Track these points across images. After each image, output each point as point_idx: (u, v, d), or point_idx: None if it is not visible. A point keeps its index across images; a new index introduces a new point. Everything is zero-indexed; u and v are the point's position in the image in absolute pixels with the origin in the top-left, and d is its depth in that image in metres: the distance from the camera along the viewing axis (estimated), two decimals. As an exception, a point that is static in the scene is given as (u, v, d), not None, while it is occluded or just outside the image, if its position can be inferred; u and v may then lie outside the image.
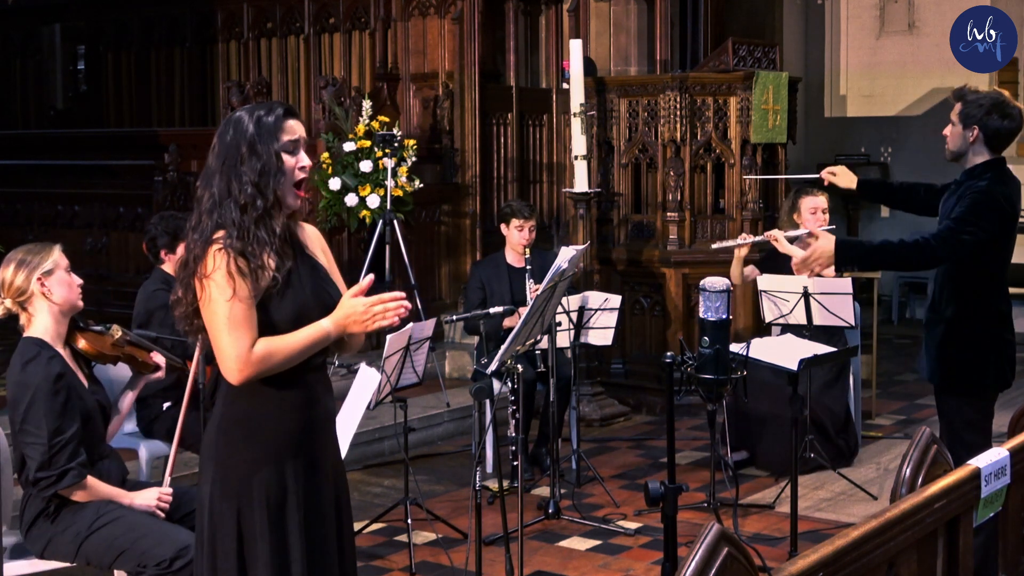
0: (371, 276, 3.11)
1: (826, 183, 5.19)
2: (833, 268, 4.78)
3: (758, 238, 6.86)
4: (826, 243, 4.35)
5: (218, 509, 3.06)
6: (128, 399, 4.36)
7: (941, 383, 4.63)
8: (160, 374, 4.38)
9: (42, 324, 4.00)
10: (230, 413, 3.08)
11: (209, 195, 3.02)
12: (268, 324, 3.00)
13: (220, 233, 2.98)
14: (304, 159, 3.07)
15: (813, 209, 6.77)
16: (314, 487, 3.11)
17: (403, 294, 3.07)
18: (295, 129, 3.06)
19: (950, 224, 4.45)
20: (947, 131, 4.62)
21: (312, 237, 3.23)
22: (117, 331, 4.21)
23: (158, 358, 4.37)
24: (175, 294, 3.06)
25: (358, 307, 3.01)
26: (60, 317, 4.02)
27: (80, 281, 4.10)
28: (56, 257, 4.03)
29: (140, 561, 3.86)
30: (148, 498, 4.03)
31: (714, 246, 7.05)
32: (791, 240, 6.86)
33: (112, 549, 3.89)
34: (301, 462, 3.08)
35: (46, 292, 3.98)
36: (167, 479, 4.37)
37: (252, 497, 3.03)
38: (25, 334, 4.02)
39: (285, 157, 3.03)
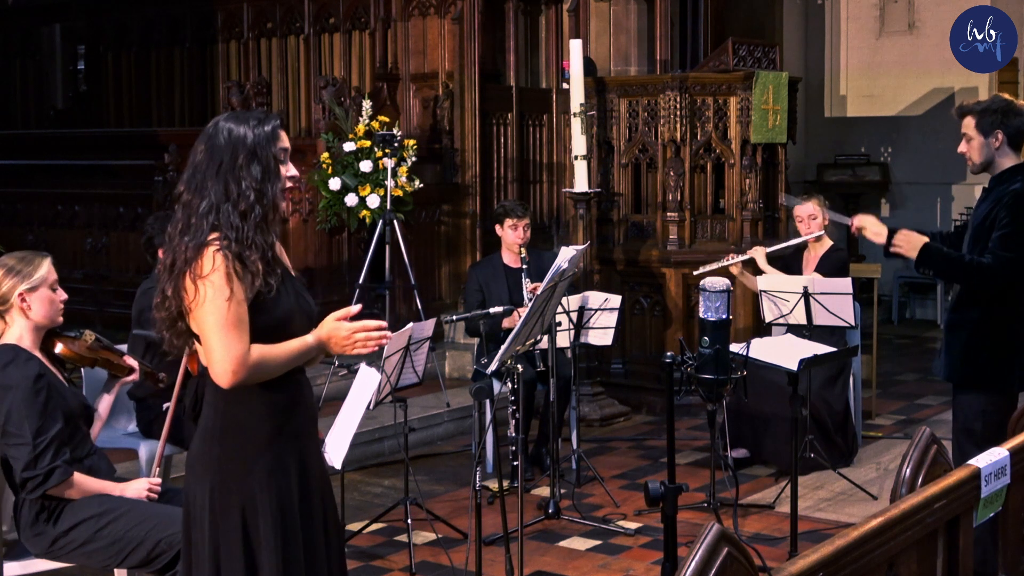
0: (359, 306, 3.14)
1: (855, 232, 5.12)
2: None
3: (742, 257, 6.83)
4: (918, 240, 4.63)
5: (221, 519, 3.03)
6: (106, 402, 4.35)
7: (963, 381, 4.64)
8: (134, 376, 4.39)
9: (16, 334, 4.01)
10: (223, 423, 3.06)
11: (203, 199, 2.98)
12: (254, 330, 2.99)
13: (214, 235, 2.96)
14: (292, 169, 3.12)
15: (800, 218, 6.83)
16: (307, 489, 3.11)
17: (385, 323, 3.11)
18: (285, 139, 3.11)
19: (1000, 252, 4.49)
20: (964, 148, 4.65)
21: (279, 247, 3.23)
22: (90, 336, 4.24)
23: (130, 360, 4.39)
24: (158, 296, 3.03)
25: (341, 331, 3.04)
26: (36, 329, 4.03)
27: (64, 296, 4.10)
28: (43, 273, 4.02)
29: (156, 549, 3.86)
30: (138, 489, 4.03)
31: (697, 272, 6.88)
32: (775, 256, 6.86)
33: (124, 541, 3.89)
34: (294, 466, 3.08)
35: (25, 308, 3.99)
36: (156, 470, 4.39)
37: (256, 505, 3.02)
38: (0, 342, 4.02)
39: (280, 166, 3.07)
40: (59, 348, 4.10)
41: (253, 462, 3.03)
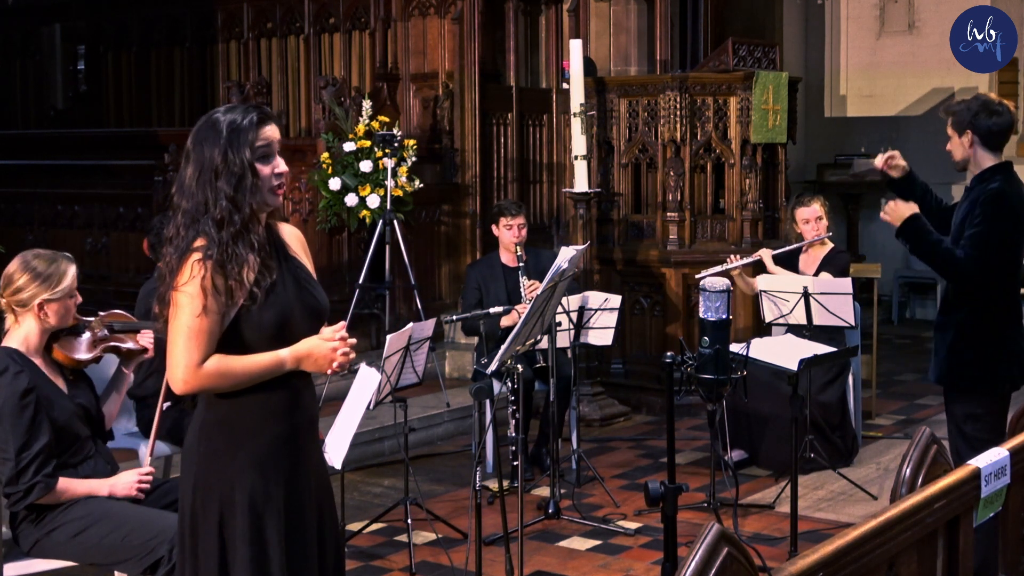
0: (343, 323, 3.11)
1: (883, 167, 5.04)
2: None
3: (748, 260, 6.78)
4: (905, 210, 4.63)
5: (200, 513, 3.05)
6: (115, 402, 4.32)
7: (950, 382, 4.65)
8: (149, 354, 4.31)
9: (23, 335, 4.00)
10: (211, 416, 3.06)
11: (185, 210, 2.98)
12: (252, 329, 2.98)
13: (200, 242, 2.94)
14: (280, 165, 3.03)
15: (806, 219, 6.79)
16: (295, 493, 3.09)
17: (354, 341, 3.08)
18: (269, 135, 3.01)
19: (969, 249, 4.52)
20: (949, 146, 4.71)
21: (292, 237, 3.20)
22: (98, 326, 4.14)
23: (145, 339, 4.27)
24: (156, 308, 3.04)
25: (323, 348, 3.01)
26: (44, 332, 4.02)
27: (79, 300, 4.08)
28: (67, 284, 4.00)
29: (132, 553, 3.85)
30: (128, 483, 4.02)
31: (700, 276, 6.69)
32: (782, 257, 6.85)
33: (99, 547, 3.90)
34: (283, 468, 3.06)
35: (41, 316, 3.97)
36: (147, 459, 4.35)
37: (234, 502, 3.02)
38: (3, 342, 4.01)
39: (260, 167, 2.99)
40: (57, 356, 4.05)
41: (234, 458, 3.02)
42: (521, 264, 6.52)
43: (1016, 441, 3.24)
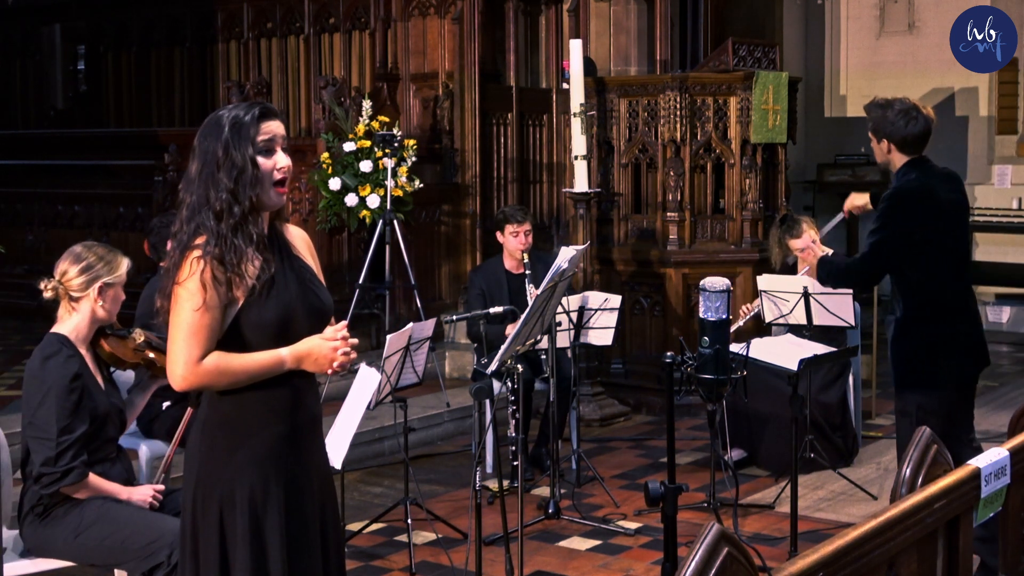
0: (345, 323, 3.11)
1: (848, 215, 5.29)
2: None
3: (754, 311, 6.71)
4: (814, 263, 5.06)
5: (201, 512, 3.05)
6: (138, 404, 4.36)
7: (895, 379, 4.71)
8: None
9: (74, 323, 4.05)
10: (214, 415, 3.06)
11: (188, 204, 3.01)
12: (253, 327, 2.99)
13: (200, 239, 2.96)
14: (282, 159, 3.04)
15: (801, 249, 6.72)
16: (297, 492, 3.09)
17: (355, 341, 3.07)
18: (271, 129, 3.02)
19: (867, 247, 4.68)
20: (872, 145, 4.78)
21: (298, 239, 3.22)
22: (139, 336, 4.20)
23: None
24: (158, 302, 3.06)
25: (324, 348, 3.01)
26: (94, 323, 4.08)
27: (123, 297, 4.15)
28: (123, 273, 4.10)
29: (130, 556, 3.87)
30: (143, 495, 4.06)
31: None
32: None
33: (98, 550, 3.92)
34: (284, 467, 3.06)
35: (98, 300, 4.03)
36: (160, 475, 4.39)
37: (234, 501, 3.02)
38: (54, 328, 4.05)
39: (261, 160, 2.99)
40: (103, 348, 4.11)
41: (237, 460, 3.03)
42: (527, 272, 6.47)
43: (1016, 441, 3.24)
